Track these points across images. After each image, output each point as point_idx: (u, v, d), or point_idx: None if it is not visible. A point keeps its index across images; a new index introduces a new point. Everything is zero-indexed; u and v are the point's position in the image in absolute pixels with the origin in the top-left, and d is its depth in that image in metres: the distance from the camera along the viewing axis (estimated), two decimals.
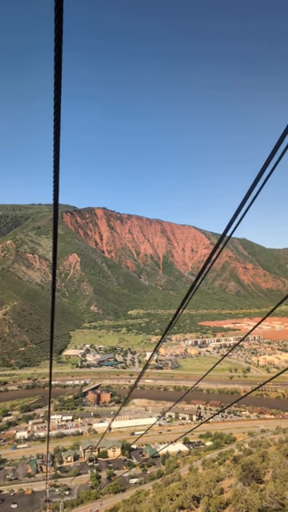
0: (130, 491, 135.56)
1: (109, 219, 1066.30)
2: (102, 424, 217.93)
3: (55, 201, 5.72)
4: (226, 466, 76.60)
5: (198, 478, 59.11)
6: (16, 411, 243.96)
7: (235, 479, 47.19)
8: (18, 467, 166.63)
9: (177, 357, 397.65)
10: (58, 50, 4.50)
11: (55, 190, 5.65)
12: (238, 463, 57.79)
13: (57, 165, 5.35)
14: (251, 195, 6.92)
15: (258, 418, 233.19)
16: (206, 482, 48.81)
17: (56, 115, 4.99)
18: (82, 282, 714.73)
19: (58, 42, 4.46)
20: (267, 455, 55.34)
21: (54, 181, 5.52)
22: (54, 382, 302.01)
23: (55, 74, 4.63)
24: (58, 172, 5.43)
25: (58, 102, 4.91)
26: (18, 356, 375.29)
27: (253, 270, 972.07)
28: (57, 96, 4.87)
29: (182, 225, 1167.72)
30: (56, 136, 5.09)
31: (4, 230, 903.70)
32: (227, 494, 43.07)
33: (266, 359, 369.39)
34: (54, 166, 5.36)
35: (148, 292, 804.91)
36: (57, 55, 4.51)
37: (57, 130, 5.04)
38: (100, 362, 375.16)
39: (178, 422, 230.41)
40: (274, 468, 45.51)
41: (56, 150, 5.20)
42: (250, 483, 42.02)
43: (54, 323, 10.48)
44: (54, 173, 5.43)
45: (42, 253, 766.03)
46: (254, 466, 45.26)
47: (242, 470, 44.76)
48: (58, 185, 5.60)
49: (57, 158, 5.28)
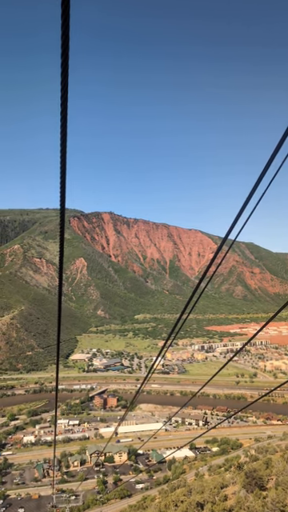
0: (136, 496, 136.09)
1: (115, 223, 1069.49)
2: (108, 429, 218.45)
3: (62, 205, 5.75)
4: (232, 472, 77.21)
5: (203, 484, 59.86)
6: (23, 415, 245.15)
7: (239, 486, 47.93)
8: (25, 471, 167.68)
9: (183, 362, 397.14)
10: (65, 52, 4.44)
11: (62, 194, 5.64)
12: (242, 470, 58.41)
13: (63, 169, 5.29)
14: (253, 197, 6.98)
15: (264, 423, 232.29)
16: (210, 488, 49.55)
17: (63, 116, 4.88)
18: (89, 287, 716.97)
19: (65, 43, 4.39)
20: (271, 462, 55.94)
21: (61, 185, 5.48)
22: (60, 386, 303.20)
23: (62, 76, 4.53)
24: (64, 176, 5.38)
25: (64, 101, 4.80)
26: (25, 360, 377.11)
27: (260, 274, 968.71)
28: (63, 95, 4.75)
29: (188, 229, 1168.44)
30: (63, 137, 5.00)
31: (12, 234, 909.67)
32: (230, 501, 43.79)
33: (272, 364, 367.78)
34: (60, 172, 5.30)
35: (154, 296, 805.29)
36: (63, 58, 4.45)
37: (63, 131, 4.95)
38: (106, 366, 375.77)
39: (184, 427, 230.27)
40: (278, 475, 46.20)
41: (63, 153, 5.12)
42: (253, 490, 42.72)
43: (60, 328, 10.49)
44: (61, 178, 5.38)
45: (50, 257, 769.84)
46: (258, 474, 45.94)
47: (245, 477, 45.46)
48: (64, 189, 5.57)
49: (63, 163, 5.21)
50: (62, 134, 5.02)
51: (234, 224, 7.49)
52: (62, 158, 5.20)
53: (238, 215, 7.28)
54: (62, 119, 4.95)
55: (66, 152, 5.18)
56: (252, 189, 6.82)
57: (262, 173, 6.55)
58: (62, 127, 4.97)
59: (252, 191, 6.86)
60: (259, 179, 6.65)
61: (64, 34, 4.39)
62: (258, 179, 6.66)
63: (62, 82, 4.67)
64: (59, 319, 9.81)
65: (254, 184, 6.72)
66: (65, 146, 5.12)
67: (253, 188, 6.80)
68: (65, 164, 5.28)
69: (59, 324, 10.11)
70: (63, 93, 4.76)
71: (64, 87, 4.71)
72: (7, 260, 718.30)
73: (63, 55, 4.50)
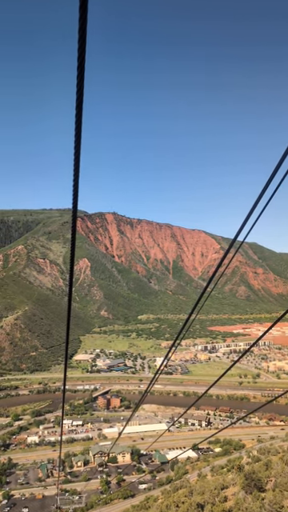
0: (139, 497, 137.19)
1: (119, 224, 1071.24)
2: (111, 429, 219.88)
3: (74, 207, 5.72)
4: (234, 473, 78.24)
5: (204, 485, 60.93)
6: (27, 416, 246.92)
7: (239, 487, 48.99)
8: (30, 472, 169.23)
9: (186, 362, 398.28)
10: (82, 58, 4.42)
11: (74, 197, 5.63)
12: (242, 471, 59.43)
13: (77, 172, 5.30)
14: (262, 199, 6.96)
15: (267, 424, 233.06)
16: (211, 489, 50.65)
17: (77, 118, 4.90)
18: (93, 287, 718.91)
19: (82, 46, 4.38)
20: (271, 464, 56.92)
21: (74, 187, 5.49)
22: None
23: (77, 83, 4.50)
24: (77, 179, 5.38)
25: (79, 103, 4.76)
26: (29, 361, 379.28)
27: (263, 274, 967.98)
28: (79, 97, 4.71)
29: (191, 229, 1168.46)
30: (77, 139, 5.04)
31: (15, 235, 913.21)
32: (230, 502, 44.88)
33: (276, 365, 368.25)
34: (74, 174, 5.32)
35: (158, 297, 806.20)
36: (80, 63, 4.42)
37: (78, 135, 4.99)
38: (110, 367, 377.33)
39: (187, 427, 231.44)
40: (276, 477, 47.20)
41: (76, 155, 5.16)
42: (252, 492, 43.79)
43: (69, 331, 10.32)
44: (74, 181, 5.40)
45: (53, 258, 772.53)
46: (257, 475, 46.97)
47: (244, 478, 46.53)
48: (77, 191, 5.56)
49: (77, 165, 5.24)
50: (77, 137, 4.96)
51: (242, 226, 7.48)
52: (76, 161, 5.13)
53: (247, 217, 7.25)
54: (76, 122, 4.87)
55: (79, 154, 5.11)
56: (262, 191, 6.84)
57: (272, 175, 6.57)
58: (76, 129, 4.91)
59: (261, 193, 6.87)
60: (268, 181, 6.68)
61: (81, 39, 4.34)
62: (267, 182, 6.69)
63: (78, 85, 4.54)
64: (68, 321, 9.71)
65: (264, 186, 6.74)
66: (79, 147, 5.05)
67: (262, 190, 6.81)
68: (78, 167, 5.19)
69: (68, 327, 9.97)
70: (78, 95, 4.64)
71: (79, 90, 4.59)
72: (11, 260, 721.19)
73: (79, 58, 4.42)
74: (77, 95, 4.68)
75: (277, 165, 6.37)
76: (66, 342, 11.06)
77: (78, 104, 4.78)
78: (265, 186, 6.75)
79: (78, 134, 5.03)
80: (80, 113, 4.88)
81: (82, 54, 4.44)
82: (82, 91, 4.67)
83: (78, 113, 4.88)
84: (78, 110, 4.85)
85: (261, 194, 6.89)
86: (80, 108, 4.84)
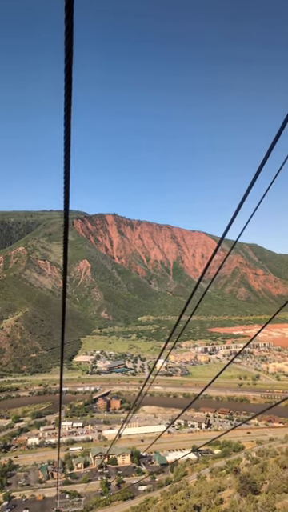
0: (138, 498, 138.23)
1: (119, 225, 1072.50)
2: (111, 431, 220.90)
3: (66, 207, 5.72)
4: (231, 475, 79.47)
5: (202, 487, 62.13)
6: (28, 417, 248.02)
7: (234, 490, 50.23)
8: (30, 473, 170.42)
9: (186, 364, 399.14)
10: (69, 51, 4.33)
11: (65, 196, 5.62)
12: (238, 474, 60.72)
13: (67, 171, 5.31)
14: (255, 197, 7.08)
15: (266, 426, 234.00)
16: (207, 492, 51.85)
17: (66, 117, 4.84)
18: (93, 288, 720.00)
19: (69, 43, 4.30)
20: (266, 467, 58.17)
21: (65, 186, 5.49)
22: (64, 388, 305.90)
23: (65, 75, 4.43)
24: (68, 178, 5.39)
25: (68, 105, 4.71)
26: (29, 362, 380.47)
27: (263, 275, 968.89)
28: (67, 99, 4.65)
29: (192, 230, 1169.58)
30: (66, 135, 5.00)
31: (16, 236, 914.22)
32: (225, 504, 46.12)
33: (275, 366, 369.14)
34: (64, 173, 5.34)
35: (158, 298, 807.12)
36: (67, 57, 4.34)
37: (67, 130, 4.95)
38: (110, 368, 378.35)
39: (186, 429, 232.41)
40: (271, 480, 48.47)
41: (66, 151, 5.14)
42: (246, 494, 45.00)
43: (64, 330, 10.45)
44: (65, 178, 5.41)
45: (54, 259, 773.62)
46: (252, 478, 48.23)
47: (239, 481, 47.75)
48: (68, 190, 5.56)
49: (67, 164, 5.24)
50: (66, 133, 4.97)
51: (230, 224, 7.38)
52: (66, 158, 5.16)
53: (234, 215, 7.19)
54: (65, 119, 4.85)
55: (69, 152, 5.16)
56: (248, 188, 6.77)
57: (257, 172, 6.55)
58: (65, 125, 4.90)
59: (247, 190, 6.79)
60: (254, 178, 6.61)
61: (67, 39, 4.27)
62: (253, 178, 6.62)
63: (66, 82, 4.51)
64: (63, 322, 9.85)
65: (250, 183, 6.68)
66: (68, 145, 5.08)
67: (248, 187, 6.74)
68: (68, 165, 5.24)
69: (63, 327, 10.07)
70: (67, 90, 4.58)
71: (68, 85, 4.53)
72: (11, 262, 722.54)
73: (67, 55, 4.34)
74: (65, 92, 4.57)
75: (260, 164, 6.40)
76: (61, 346, 11.56)
77: (67, 98, 4.63)
78: (249, 186, 6.71)
79: (67, 132, 4.91)
80: (69, 114, 4.74)
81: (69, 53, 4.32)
82: (69, 90, 4.54)
83: (67, 115, 4.76)
84: (66, 110, 4.72)
85: (245, 194, 6.86)
86: (68, 108, 4.69)
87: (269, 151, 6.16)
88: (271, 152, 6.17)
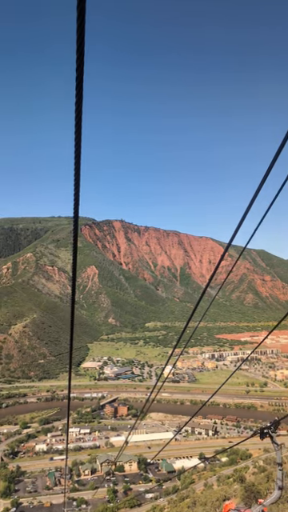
0: (145, 506, 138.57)
1: (126, 231, 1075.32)
2: (118, 438, 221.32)
3: (75, 213, 5.70)
4: (238, 483, 79.89)
5: (207, 496, 62.81)
6: (35, 423, 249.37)
7: (239, 499, 50.91)
8: (38, 480, 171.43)
9: (193, 370, 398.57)
10: (80, 62, 4.34)
11: (75, 202, 5.60)
12: (243, 483, 61.33)
13: (77, 178, 5.32)
14: (263, 203, 7.00)
15: None
16: (213, 501, 52.59)
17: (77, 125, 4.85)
18: (100, 294, 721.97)
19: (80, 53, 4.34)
20: (271, 476, 58.72)
21: (75, 193, 5.48)
22: (72, 394, 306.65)
23: (76, 86, 4.45)
24: (78, 184, 5.41)
25: (79, 113, 4.71)
26: (37, 368, 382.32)
27: (271, 281, 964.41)
28: (78, 107, 4.67)
29: (199, 236, 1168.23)
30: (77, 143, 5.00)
31: (24, 242, 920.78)
32: None
33: (283, 373, 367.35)
34: (74, 180, 5.34)
35: (165, 304, 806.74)
36: (79, 67, 4.35)
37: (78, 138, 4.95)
38: (117, 374, 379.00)
39: (194, 436, 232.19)
40: (275, 489, 49.13)
41: (77, 159, 5.16)
42: (250, 504, 45.61)
43: (72, 338, 10.25)
44: (75, 186, 5.42)
45: (61, 265, 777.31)
46: (256, 487, 48.91)
47: (244, 490, 48.48)
48: (78, 196, 5.55)
49: (77, 171, 5.24)
50: (76, 141, 4.99)
51: (236, 230, 7.34)
52: (76, 165, 5.19)
53: (240, 220, 7.14)
54: (76, 125, 4.85)
55: (79, 159, 5.17)
56: (255, 193, 6.72)
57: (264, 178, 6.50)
58: (76, 133, 4.92)
59: (255, 195, 6.75)
60: (261, 184, 6.57)
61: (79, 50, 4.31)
62: (260, 184, 6.58)
63: (77, 91, 4.52)
64: (71, 330, 9.68)
65: (257, 188, 6.67)
66: (79, 153, 5.09)
67: (256, 192, 6.70)
68: (78, 172, 5.27)
69: (71, 334, 9.96)
70: (78, 99, 4.61)
71: (79, 94, 4.55)
72: (20, 268, 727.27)
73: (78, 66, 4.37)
74: (76, 99, 4.61)
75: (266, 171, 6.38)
76: (70, 353, 11.27)
77: (77, 107, 4.68)
78: (256, 191, 6.69)
79: (77, 139, 4.98)
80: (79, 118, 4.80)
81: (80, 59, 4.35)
82: (81, 97, 4.59)
83: (78, 122, 4.84)
84: (77, 113, 4.76)
85: (252, 199, 6.84)
86: (79, 112, 4.74)
87: (276, 156, 6.05)
88: (278, 157, 6.06)
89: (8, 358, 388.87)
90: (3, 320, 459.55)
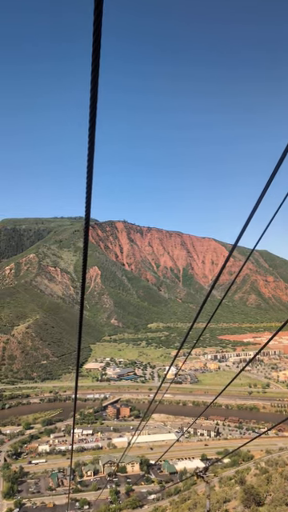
0: (147, 507, 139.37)
1: (129, 232, 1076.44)
2: (121, 439, 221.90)
3: (87, 217, 5.70)
4: (239, 485, 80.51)
5: None
6: (38, 424, 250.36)
7: (239, 501, 51.69)
8: (40, 480, 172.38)
9: (196, 371, 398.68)
10: (96, 61, 4.39)
11: (87, 205, 5.57)
12: (243, 485, 62.03)
13: (90, 178, 5.30)
14: (271, 204, 7.09)
15: (276, 435, 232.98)
16: (213, 503, 53.31)
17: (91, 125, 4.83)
18: (103, 295, 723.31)
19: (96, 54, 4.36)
20: (271, 478, 59.43)
21: (87, 196, 5.45)
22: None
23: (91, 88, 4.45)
24: (90, 184, 5.37)
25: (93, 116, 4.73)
26: (40, 369, 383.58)
27: (274, 282, 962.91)
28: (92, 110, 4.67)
29: (202, 237, 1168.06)
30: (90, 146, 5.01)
31: (27, 243, 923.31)
32: None
33: (286, 374, 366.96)
34: (87, 183, 5.33)
35: (168, 305, 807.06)
36: (94, 67, 4.37)
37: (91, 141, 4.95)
38: (120, 375, 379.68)
39: (196, 437, 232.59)
40: (274, 492, 49.86)
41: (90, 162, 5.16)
42: (250, 506, 46.47)
43: (80, 341, 10.24)
44: (87, 188, 5.39)
45: (64, 266, 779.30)
46: (256, 490, 49.64)
47: (244, 493, 49.21)
48: (90, 200, 5.53)
49: (90, 173, 5.24)
50: (90, 144, 4.99)
51: (242, 231, 7.34)
52: (89, 168, 5.19)
53: (246, 222, 7.12)
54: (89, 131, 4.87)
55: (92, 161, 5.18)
56: (261, 194, 6.71)
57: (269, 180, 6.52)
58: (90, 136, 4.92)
59: (261, 195, 6.73)
60: (267, 185, 6.59)
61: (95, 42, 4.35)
62: (265, 185, 6.58)
63: (92, 94, 4.53)
64: (79, 334, 9.71)
65: (263, 190, 6.63)
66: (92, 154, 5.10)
67: (261, 194, 6.69)
68: (91, 172, 5.28)
69: (79, 338, 9.97)
70: (92, 102, 4.59)
71: (93, 95, 4.56)
72: (23, 269, 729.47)
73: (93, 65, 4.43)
74: (91, 103, 4.62)
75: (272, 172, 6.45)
76: (78, 354, 11.05)
77: (92, 109, 4.69)
78: (261, 193, 6.72)
79: (91, 141, 5.01)
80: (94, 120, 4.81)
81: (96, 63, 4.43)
82: (95, 100, 4.60)
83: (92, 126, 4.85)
84: (91, 115, 4.76)
85: (258, 200, 6.82)
86: (94, 113, 4.76)
87: (282, 157, 6.10)
88: (285, 156, 6.09)
89: (11, 358, 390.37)
90: (6, 321, 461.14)
